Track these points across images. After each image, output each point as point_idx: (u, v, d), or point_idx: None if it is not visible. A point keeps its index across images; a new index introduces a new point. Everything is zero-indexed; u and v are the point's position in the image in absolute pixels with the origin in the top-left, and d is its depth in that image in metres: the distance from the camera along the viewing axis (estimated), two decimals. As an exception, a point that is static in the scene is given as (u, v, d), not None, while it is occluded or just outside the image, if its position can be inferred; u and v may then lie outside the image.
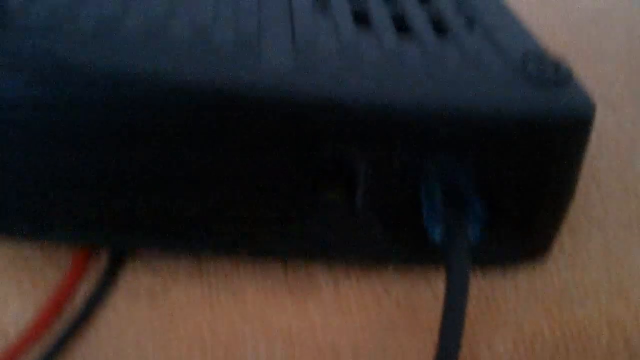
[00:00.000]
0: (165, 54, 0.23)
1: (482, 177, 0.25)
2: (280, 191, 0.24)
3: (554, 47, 0.44)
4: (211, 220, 0.25)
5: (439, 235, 0.24)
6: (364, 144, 0.24)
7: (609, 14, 0.50)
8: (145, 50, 0.23)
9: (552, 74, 0.25)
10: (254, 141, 0.23)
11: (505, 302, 0.27)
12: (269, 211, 0.25)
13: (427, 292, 0.27)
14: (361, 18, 0.28)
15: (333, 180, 0.25)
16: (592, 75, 0.42)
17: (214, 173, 0.24)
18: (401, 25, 0.28)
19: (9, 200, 0.24)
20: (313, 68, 0.24)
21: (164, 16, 0.25)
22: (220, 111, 0.22)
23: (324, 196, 0.26)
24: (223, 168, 0.24)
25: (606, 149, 0.36)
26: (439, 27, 0.28)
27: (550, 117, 0.24)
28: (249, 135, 0.23)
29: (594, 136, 0.25)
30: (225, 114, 0.22)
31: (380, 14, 0.28)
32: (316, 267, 0.28)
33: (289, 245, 0.26)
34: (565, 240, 0.30)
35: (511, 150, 0.24)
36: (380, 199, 0.25)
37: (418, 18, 0.28)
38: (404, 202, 0.25)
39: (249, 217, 0.25)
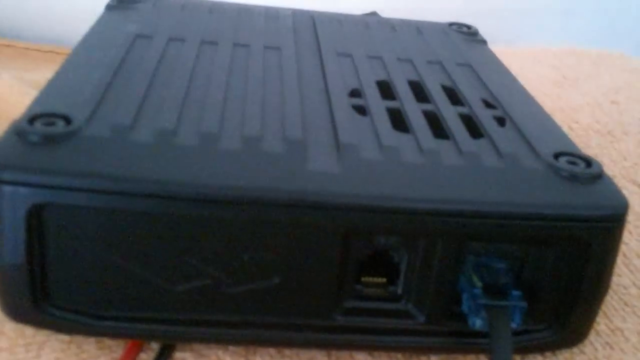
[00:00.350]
0: (217, 166, 0.25)
1: (520, 270, 0.26)
2: (326, 281, 0.26)
3: (577, 127, 0.46)
4: (259, 312, 0.26)
5: (481, 324, 0.25)
6: (407, 239, 0.26)
7: (628, 89, 0.51)
8: (198, 163, 0.25)
9: (584, 171, 0.26)
10: (305, 238, 0.25)
11: None
12: (316, 299, 0.26)
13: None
14: (398, 118, 0.30)
15: (376, 270, 0.27)
16: (615, 152, 0.44)
17: (264, 268, 0.25)
18: (435, 123, 0.30)
19: (65, 297, 0.26)
20: (357, 171, 0.25)
21: (216, 129, 0.27)
22: (271, 214, 0.24)
23: (367, 285, 0.27)
24: (275, 262, 0.25)
25: (634, 227, 0.37)
26: (471, 126, 0.30)
27: (583, 213, 0.25)
28: (301, 232, 0.25)
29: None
30: (276, 216, 0.24)
31: (415, 114, 0.30)
32: (359, 356, 0.28)
33: (333, 334, 0.27)
34: (601, 323, 0.31)
35: (546, 244, 0.26)
36: (421, 288, 0.26)
37: (451, 117, 0.30)
38: (443, 292, 0.26)
39: (297, 306, 0.26)
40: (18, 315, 0.26)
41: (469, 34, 0.42)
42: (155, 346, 0.28)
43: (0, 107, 0.48)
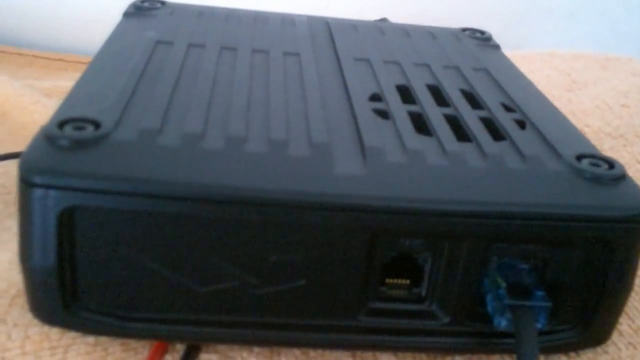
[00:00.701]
0: (245, 168, 0.25)
1: (544, 270, 0.26)
2: (351, 283, 0.26)
3: (588, 131, 0.47)
4: (285, 313, 0.26)
5: (505, 325, 0.26)
6: (432, 241, 0.26)
7: (637, 92, 0.51)
8: (225, 165, 0.25)
9: (607, 172, 0.26)
10: (332, 240, 0.25)
11: None
12: (341, 301, 0.26)
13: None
14: (419, 121, 0.30)
15: (399, 272, 0.27)
16: (629, 155, 0.44)
17: (291, 270, 0.26)
18: (456, 126, 0.30)
19: (94, 299, 0.26)
20: (383, 174, 0.26)
21: (242, 133, 0.27)
22: (298, 216, 0.24)
23: (391, 287, 0.27)
24: (301, 264, 0.25)
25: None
26: (492, 129, 0.30)
27: (607, 214, 0.25)
28: (327, 234, 0.25)
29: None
30: (303, 218, 0.25)
31: (436, 118, 0.31)
32: (383, 357, 0.29)
33: (358, 335, 0.27)
34: (624, 324, 0.31)
35: (570, 245, 0.26)
36: (445, 289, 0.27)
37: (472, 121, 0.31)
38: (467, 293, 0.27)
39: (322, 308, 0.26)
40: (47, 317, 0.26)
41: (482, 39, 0.43)
42: (180, 348, 0.28)
43: (13, 114, 0.48)
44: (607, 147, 0.45)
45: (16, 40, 0.67)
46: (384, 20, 0.56)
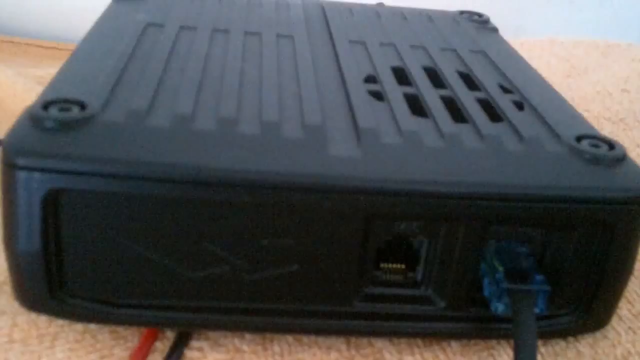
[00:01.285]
0: (236, 150, 0.24)
1: (543, 254, 0.26)
2: (345, 268, 0.25)
3: (589, 116, 0.46)
4: (278, 299, 0.26)
5: (503, 309, 0.25)
6: (428, 223, 0.25)
7: (638, 78, 0.51)
8: (216, 147, 0.24)
9: (607, 153, 0.26)
10: (325, 223, 0.24)
11: None
12: (335, 286, 0.26)
13: (492, 365, 0.28)
14: (415, 103, 0.29)
15: (395, 256, 0.26)
16: (629, 140, 0.44)
17: (284, 254, 0.25)
18: (453, 108, 0.29)
19: (82, 285, 0.25)
20: (378, 156, 0.25)
21: (234, 114, 0.26)
22: (291, 199, 0.24)
23: (386, 271, 0.27)
24: (294, 248, 0.25)
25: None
26: (490, 110, 0.29)
27: (607, 196, 0.25)
28: (321, 217, 0.24)
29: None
30: (296, 201, 0.24)
31: (432, 99, 0.30)
32: (378, 343, 0.28)
33: (352, 320, 0.27)
34: (624, 308, 0.30)
35: (569, 228, 0.25)
36: (441, 274, 0.26)
37: (469, 102, 0.30)
38: (464, 277, 0.26)
39: (316, 293, 0.26)
40: (33, 304, 0.25)
41: (480, 22, 0.42)
42: (170, 335, 0.28)
43: (5, 102, 0.48)
44: (607, 132, 0.44)
45: (9, 28, 0.67)
46: (380, 4, 0.55)
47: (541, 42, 0.60)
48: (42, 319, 0.27)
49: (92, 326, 0.28)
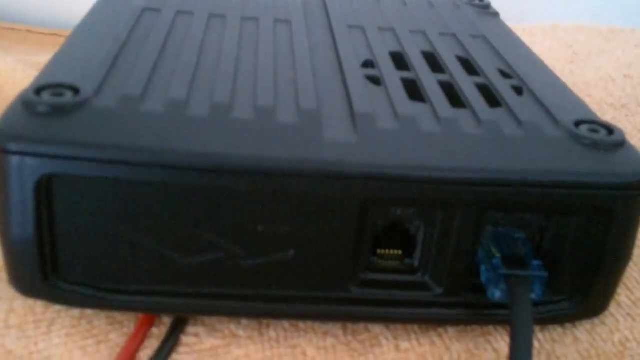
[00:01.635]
0: (230, 136, 0.24)
1: (540, 240, 0.26)
2: (341, 254, 0.25)
3: (591, 102, 0.45)
4: (274, 285, 0.26)
5: (500, 295, 0.25)
6: (425, 209, 0.25)
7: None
8: (210, 132, 0.24)
9: (606, 138, 0.26)
10: (321, 209, 0.24)
11: (566, 357, 0.27)
12: (331, 272, 0.26)
13: (488, 350, 0.27)
14: (413, 88, 0.29)
15: (391, 242, 0.26)
16: (631, 125, 0.43)
17: (279, 240, 0.25)
18: (451, 93, 0.29)
19: (76, 271, 0.25)
20: (373, 141, 0.25)
21: (228, 100, 0.26)
22: (286, 185, 0.24)
23: (383, 257, 0.26)
24: (290, 234, 0.25)
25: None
26: (488, 95, 0.29)
27: (605, 181, 0.24)
28: (317, 202, 0.24)
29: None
30: (291, 187, 0.24)
31: (430, 84, 0.29)
32: (375, 329, 0.28)
33: (349, 306, 0.26)
34: (622, 295, 0.30)
35: (567, 214, 0.25)
36: (438, 260, 0.26)
37: (467, 87, 0.30)
38: (461, 263, 0.26)
39: (312, 279, 0.26)
40: (28, 290, 0.25)
41: (481, 7, 0.42)
42: (167, 321, 0.28)
43: (4, 90, 0.47)
44: (609, 118, 0.44)
45: (10, 15, 0.66)
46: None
47: (544, 27, 0.59)
48: (39, 305, 0.27)
49: (89, 312, 0.28)
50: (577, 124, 0.27)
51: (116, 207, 0.24)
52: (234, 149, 0.24)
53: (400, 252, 0.27)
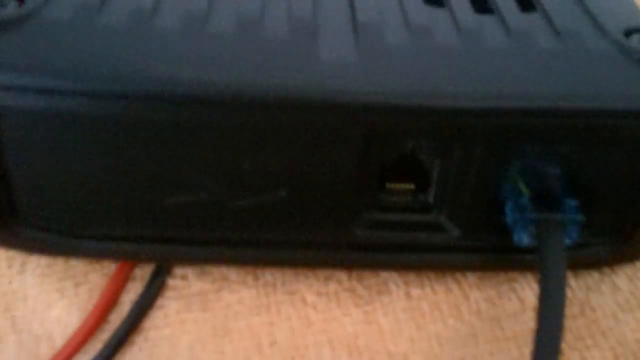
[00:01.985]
0: (207, 55, 0.20)
1: (577, 174, 0.22)
2: (342, 191, 0.22)
3: None
4: (266, 229, 0.23)
5: (528, 239, 0.22)
6: (439, 140, 0.21)
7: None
8: (181, 48, 0.20)
9: (662, 52, 0.21)
10: (315, 142, 0.21)
11: (602, 308, 0.25)
12: (331, 212, 0.23)
13: (513, 299, 0.25)
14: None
15: (402, 176, 0.23)
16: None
17: (269, 179, 0.22)
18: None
19: (37, 215, 0.22)
20: (379, 60, 0.21)
21: (205, 8, 0.22)
22: (274, 115, 0.20)
23: (392, 192, 0.23)
24: (281, 171, 0.21)
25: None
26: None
27: None
28: (310, 135, 0.21)
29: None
30: (279, 117, 0.20)
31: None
32: (384, 274, 0.25)
33: (353, 251, 0.24)
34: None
35: (611, 142, 0.21)
36: (456, 196, 0.22)
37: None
38: (483, 201, 0.22)
39: (309, 221, 0.23)
40: (-16, 235, 0.23)
41: None
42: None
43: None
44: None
45: None
46: None
47: None
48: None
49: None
50: (628, 33, 0.22)
51: (76, 144, 0.21)
52: (209, 73, 0.20)
53: (412, 186, 0.23)
